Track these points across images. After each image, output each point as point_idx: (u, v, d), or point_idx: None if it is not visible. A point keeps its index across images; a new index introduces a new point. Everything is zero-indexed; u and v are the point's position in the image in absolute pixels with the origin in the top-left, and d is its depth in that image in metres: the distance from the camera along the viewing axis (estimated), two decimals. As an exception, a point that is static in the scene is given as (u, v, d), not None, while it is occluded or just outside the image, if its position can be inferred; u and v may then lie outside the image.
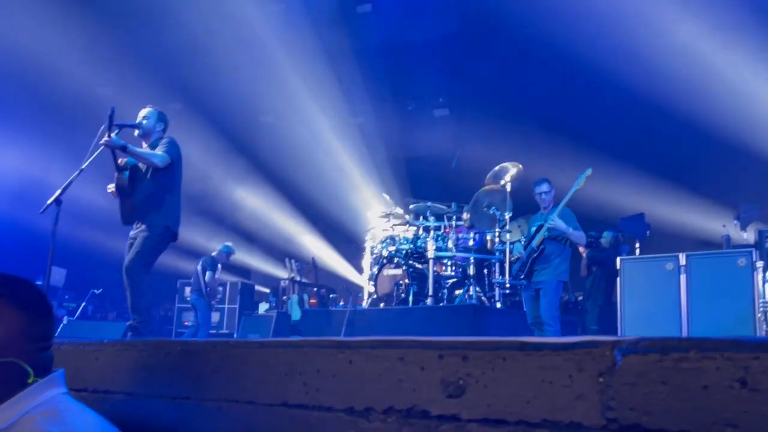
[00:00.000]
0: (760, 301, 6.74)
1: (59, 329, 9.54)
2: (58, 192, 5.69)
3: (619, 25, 10.41)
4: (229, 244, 11.36)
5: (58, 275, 11.80)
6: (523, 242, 7.68)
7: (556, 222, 7.09)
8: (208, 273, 10.73)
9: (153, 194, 5.98)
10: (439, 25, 12.43)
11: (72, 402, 1.90)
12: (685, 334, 7.32)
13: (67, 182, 5.75)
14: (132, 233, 6.06)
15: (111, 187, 6.14)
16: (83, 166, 5.81)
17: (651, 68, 10.32)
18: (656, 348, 1.34)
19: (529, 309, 7.31)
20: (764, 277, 6.76)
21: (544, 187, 7.46)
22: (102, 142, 5.67)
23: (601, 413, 1.40)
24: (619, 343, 1.41)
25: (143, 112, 6.27)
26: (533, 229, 7.42)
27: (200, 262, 10.95)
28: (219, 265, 11.03)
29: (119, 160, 6.00)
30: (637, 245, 9.22)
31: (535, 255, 7.19)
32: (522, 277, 7.28)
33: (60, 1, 12.12)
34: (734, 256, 7.34)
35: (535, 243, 7.21)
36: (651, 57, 10.33)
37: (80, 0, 12.40)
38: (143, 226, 5.93)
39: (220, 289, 11.06)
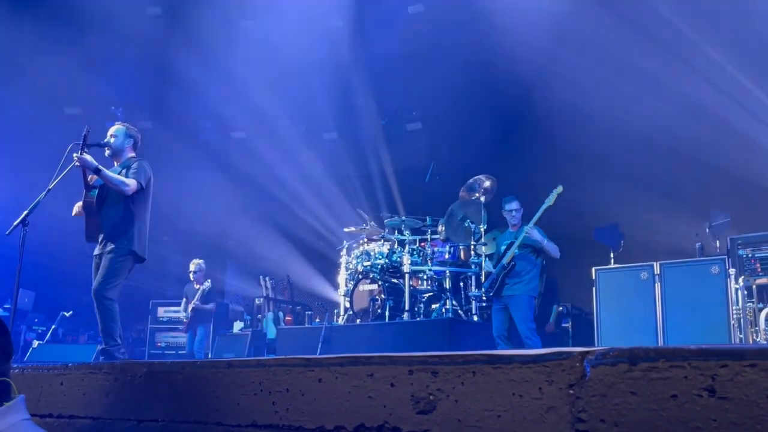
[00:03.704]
0: (734, 308, 6.81)
1: (29, 353, 9.36)
2: (24, 213, 5.60)
3: (587, 38, 10.54)
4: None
5: (26, 298, 11.60)
6: (492, 260, 7.67)
7: (533, 232, 7.11)
8: None
9: (121, 217, 5.93)
10: (410, 38, 12.49)
11: (35, 428, 1.84)
12: (661, 342, 7.37)
13: (33, 203, 5.66)
14: (96, 251, 5.98)
15: (77, 208, 6.08)
16: (50, 187, 5.72)
17: (622, 77, 10.43)
18: (625, 358, 1.33)
19: (497, 322, 7.33)
20: (737, 284, 6.83)
21: (515, 205, 7.51)
22: (75, 158, 5.61)
23: (571, 425, 1.38)
24: (589, 354, 1.40)
25: (111, 130, 6.22)
26: (503, 247, 7.44)
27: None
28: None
29: (89, 178, 5.93)
30: (612, 255, 9.26)
31: (505, 271, 7.21)
32: (491, 294, 7.30)
33: (25, 17, 12.07)
34: (707, 264, 7.42)
35: (505, 260, 7.23)
36: (622, 67, 10.45)
37: (46, 16, 12.34)
38: (110, 247, 5.85)
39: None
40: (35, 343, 10.25)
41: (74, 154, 5.63)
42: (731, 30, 9.94)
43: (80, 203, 6.08)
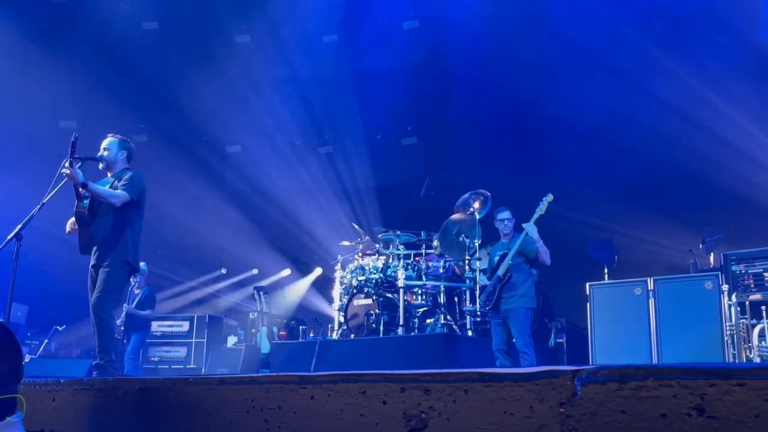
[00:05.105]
0: (727, 324, 6.81)
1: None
2: (18, 227, 5.59)
3: (584, 56, 10.61)
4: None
5: (19, 312, 11.55)
6: (486, 273, 7.63)
7: (532, 230, 7.05)
8: None
9: (114, 228, 5.90)
10: (405, 53, 12.55)
11: (27, 445, 1.83)
12: (655, 358, 7.37)
13: (27, 217, 5.64)
14: (91, 263, 5.95)
15: (70, 225, 6.06)
16: (44, 201, 5.71)
17: (618, 93, 10.50)
18: (615, 377, 1.33)
19: (496, 336, 7.27)
20: (730, 300, 6.84)
21: (507, 214, 7.45)
22: (64, 172, 5.58)
23: (562, 444, 1.38)
24: (579, 373, 1.41)
25: (104, 143, 6.20)
26: (496, 258, 7.40)
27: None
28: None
29: (80, 189, 5.91)
30: (606, 271, 9.28)
31: (502, 283, 7.17)
32: (489, 307, 7.25)
33: (22, 32, 12.11)
34: (701, 280, 7.44)
35: (500, 272, 7.18)
36: (618, 83, 10.52)
37: (42, 30, 12.38)
38: (106, 261, 5.83)
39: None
40: (27, 358, 10.20)
41: (64, 163, 5.60)
42: (728, 46, 10.03)
43: (72, 219, 6.05)
